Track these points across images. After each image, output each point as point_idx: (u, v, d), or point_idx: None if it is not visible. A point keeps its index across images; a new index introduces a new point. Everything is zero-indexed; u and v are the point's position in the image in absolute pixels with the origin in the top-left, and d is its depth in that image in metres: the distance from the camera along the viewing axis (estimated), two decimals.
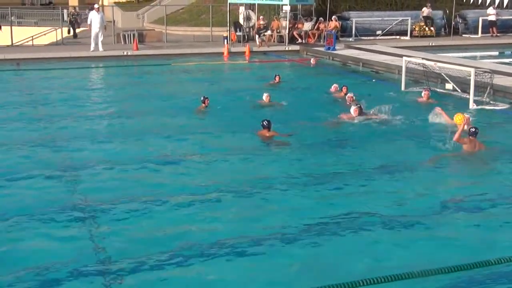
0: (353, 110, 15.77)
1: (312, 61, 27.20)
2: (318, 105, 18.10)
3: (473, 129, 13.17)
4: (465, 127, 13.25)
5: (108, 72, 26.76)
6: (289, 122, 15.74)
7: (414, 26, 35.66)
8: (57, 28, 34.14)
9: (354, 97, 17.34)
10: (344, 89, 19.04)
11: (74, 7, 36.57)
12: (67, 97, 19.94)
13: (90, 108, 18.37)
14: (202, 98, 17.25)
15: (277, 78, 21.56)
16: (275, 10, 34.79)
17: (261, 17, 32.87)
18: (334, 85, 19.94)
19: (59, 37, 33.46)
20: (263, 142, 14.16)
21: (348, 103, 16.91)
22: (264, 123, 14.26)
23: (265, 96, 17.92)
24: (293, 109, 17.71)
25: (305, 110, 17.49)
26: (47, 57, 28.31)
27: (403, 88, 20.54)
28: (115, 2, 47.36)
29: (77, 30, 36.35)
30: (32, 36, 33.41)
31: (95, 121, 16.68)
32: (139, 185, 11.23)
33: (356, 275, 7.40)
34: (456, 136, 12.87)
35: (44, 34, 34.71)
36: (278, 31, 32.78)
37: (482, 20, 36.23)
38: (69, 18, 35.42)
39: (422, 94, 18.44)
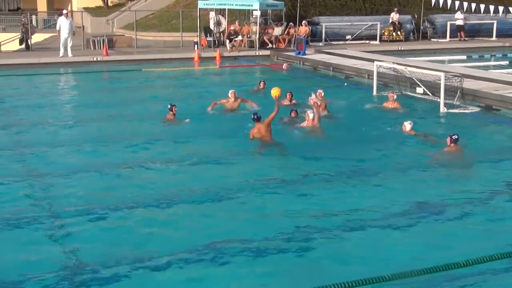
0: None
1: (284, 66, 27.25)
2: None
3: (455, 136, 13.27)
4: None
5: (78, 78, 26.48)
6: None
7: (383, 31, 35.93)
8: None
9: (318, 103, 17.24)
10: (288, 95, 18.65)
11: (25, 15, 34.72)
12: (36, 103, 19.74)
13: (59, 115, 18.17)
14: (169, 106, 16.80)
15: (261, 84, 21.39)
16: (246, 15, 34.81)
17: (236, 22, 32.86)
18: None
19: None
20: (237, 146, 14.14)
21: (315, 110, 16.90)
22: (254, 116, 14.24)
23: (230, 93, 17.88)
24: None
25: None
26: (16, 63, 27.96)
27: (374, 92, 20.66)
28: (84, 8, 47.01)
29: (32, 41, 33.84)
30: (0, 42, 33.01)
31: (64, 127, 16.54)
32: (108, 192, 11.18)
33: (339, 277, 7.45)
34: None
35: (13, 40, 34.28)
36: (248, 36, 32.80)
37: (450, 24, 36.60)
38: (21, 27, 33.10)
39: (389, 98, 18.51)
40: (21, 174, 12.24)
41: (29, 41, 32.80)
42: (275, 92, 14.18)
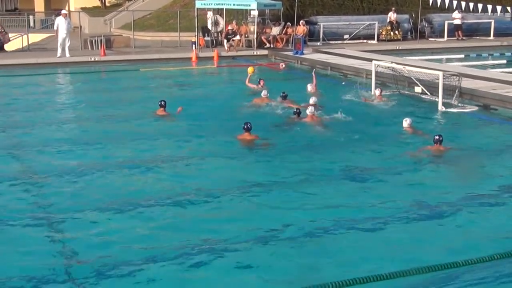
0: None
1: (281, 65, 27.24)
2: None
3: (437, 137, 13.31)
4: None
5: (75, 78, 26.43)
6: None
7: (381, 30, 35.95)
8: (22, 34, 33.69)
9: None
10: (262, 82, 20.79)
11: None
12: (34, 103, 19.72)
13: (57, 115, 18.16)
14: (159, 102, 17.19)
15: (261, 82, 21.39)
16: (243, 15, 34.80)
17: (234, 21, 32.84)
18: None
19: (25, 43, 33.04)
20: (236, 146, 14.14)
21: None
22: (246, 126, 14.17)
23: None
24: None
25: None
26: (13, 63, 27.91)
27: (372, 91, 20.63)
28: (82, 8, 47.00)
29: (30, 41, 33.24)
30: None
31: (61, 127, 16.51)
32: (106, 191, 11.21)
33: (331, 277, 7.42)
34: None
35: (10, 40, 34.19)
36: (246, 35, 32.78)
37: (448, 23, 36.63)
38: None
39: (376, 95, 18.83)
40: (19, 174, 12.21)
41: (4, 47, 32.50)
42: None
